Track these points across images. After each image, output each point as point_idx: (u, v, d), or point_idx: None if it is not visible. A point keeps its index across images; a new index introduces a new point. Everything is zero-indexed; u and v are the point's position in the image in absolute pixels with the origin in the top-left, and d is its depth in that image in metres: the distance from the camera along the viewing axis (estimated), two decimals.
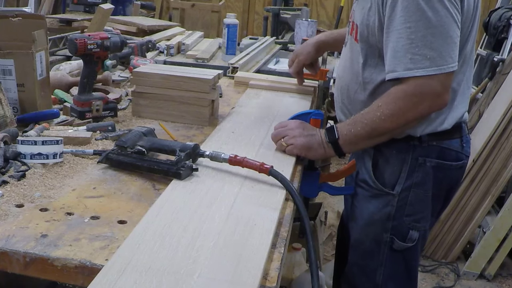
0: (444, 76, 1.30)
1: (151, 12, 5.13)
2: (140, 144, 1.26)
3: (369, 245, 1.53)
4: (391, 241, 1.50)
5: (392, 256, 1.52)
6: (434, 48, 1.28)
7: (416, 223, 1.49)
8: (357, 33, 1.45)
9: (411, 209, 1.48)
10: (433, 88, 1.30)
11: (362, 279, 1.58)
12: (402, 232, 1.49)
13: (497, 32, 3.75)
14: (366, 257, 1.55)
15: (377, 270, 1.54)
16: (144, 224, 0.96)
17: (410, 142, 1.45)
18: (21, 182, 1.14)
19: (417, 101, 1.31)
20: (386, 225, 1.49)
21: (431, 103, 1.32)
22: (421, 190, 1.47)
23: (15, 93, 1.51)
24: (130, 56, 2.24)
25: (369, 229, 1.53)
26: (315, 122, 1.52)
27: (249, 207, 1.07)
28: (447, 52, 1.29)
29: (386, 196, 1.48)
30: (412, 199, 1.47)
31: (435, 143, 1.45)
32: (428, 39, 1.27)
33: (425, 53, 1.28)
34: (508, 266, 3.17)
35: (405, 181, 1.46)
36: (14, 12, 1.53)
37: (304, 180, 1.43)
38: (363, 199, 1.54)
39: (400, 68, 1.31)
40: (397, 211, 1.48)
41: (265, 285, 0.85)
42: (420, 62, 1.28)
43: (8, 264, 0.90)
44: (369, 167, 1.51)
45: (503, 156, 3.03)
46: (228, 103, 1.92)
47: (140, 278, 0.80)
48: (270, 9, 3.85)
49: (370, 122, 1.35)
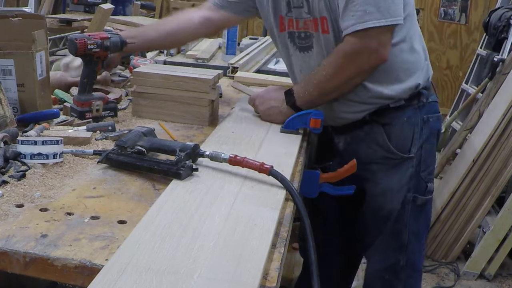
0: (378, 30, 1.40)
1: (151, 12, 5.13)
2: (140, 144, 1.26)
3: (397, 208, 1.63)
4: (414, 198, 1.62)
5: (414, 212, 1.64)
6: (370, 3, 1.38)
7: (429, 175, 1.65)
8: (327, 25, 1.51)
9: (424, 165, 1.62)
10: (367, 44, 1.42)
11: (390, 242, 1.67)
12: (421, 188, 1.63)
13: (497, 32, 3.75)
14: (394, 221, 1.64)
15: (403, 230, 1.64)
16: (144, 224, 0.96)
17: (415, 105, 1.59)
18: (21, 182, 1.14)
19: (354, 57, 1.45)
20: (409, 185, 1.61)
21: (368, 58, 1.45)
22: (429, 145, 1.63)
23: (15, 93, 1.51)
24: (130, 56, 2.24)
25: (398, 194, 1.62)
26: (315, 122, 1.52)
27: (249, 207, 1.07)
28: (384, 6, 1.38)
29: (406, 160, 1.60)
30: (424, 155, 1.62)
31: (430, 100, 1.63)
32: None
33: (362, 9, 1.38)
34: (508, 266, 3.17)
35: (418, 141, 1.59)
36: (14, 12, 1.53)
37: (304, 180, 1.43)
38: (385, 172, 1.63)
39: (342, 26, 1.45)
40: (416, 170, 1.61)
41: (265, 285, 0.85)
42: (359, 18, 1.39)
43: (8, 264, 0.90)
44: (385, 142, 1.60)
45: (503, 156, 3.02)
46: (228, 103, 1.93)
47: (140, 278, 0.80)
48: None
49: (318, 82, 1.51)
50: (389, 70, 1.54)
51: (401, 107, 1.58)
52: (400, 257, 1.67)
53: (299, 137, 1.56)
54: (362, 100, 1.58)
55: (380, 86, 1.55)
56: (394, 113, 1.59)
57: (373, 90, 1.55)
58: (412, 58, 1.57)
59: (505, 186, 3.11)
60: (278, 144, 1.48)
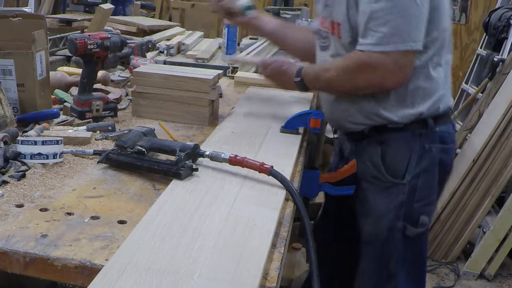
0: (397, 53, 1.36)
1: (151, 12, 5.13)
2: (140, 144, 1.26)
3: (384, 235, 1.57)
4: (403, 228, 1.54)
5: (404, 242, 1.56)
6: (392, 25, 1.34)
7: (425, 207, 1.54)
8: (339, 31, 1.49)
9: (420, 195, 1.53)
10: (385, 64, 1.37)
11: (377, 271, 1.61)
12: (413, 218, 1.54)
13: (497, 32, 3.74)
14: (380, 247, 1.59)
15: (391, 258, 1.58)
16: (144, 224, 0.96)
17: (416, 131, 1.50)
18: (21, 182, 1.14)
19: (369, 71, 1.40)
20: (399, 213, 1.53)
21: (383, 78, 1.40)
22: (429, 176, 1.53)
23: (15, 93, 1.51)
24: (130, 56, 2.24)
25: (384, 220, 1.56)
26: (315, 122, 1.52)
27: (249, 207, 1.07)
28: (405, 30, 1.34)
29: (397, 186, 1.52)
30: (421, 185, 1.52)
31: (438, 129, 1.52)
32: (387, 15, 1.33)
33: (382, 30, 1.34)
34: (508, 266, 3.17)
35: (414, 169, 1.51)
36: (14, 12, 1.53)
37: (304, 180, 1.43)
38: (373, 193, 1.57)
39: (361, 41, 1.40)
40: (408, 198, 1.52)
41: (265, 285, 0.85)
42: (378, 40, 1.35)
43: (8, 264, 0.90)
44: (378, 162, 1.53)
45: (503, 156, 3.02)
46: (228, 103, 1.92)
47: (140, 278, 0.80)
48: (270, 9, 3.85)
49: (327, 79, 1.50)
50: (396, 93, 1.47)
51: (399, 129, 1.50)
52: (388, 286, 1.61)
53: (299, 137, 1.56)
54: (362, 112, 1.53)
55: (380, 105, 1.49)
56: (391, 133, 1.51)
57: (374, 107, 1.50)
58: (425, 86, 1.48)
59: (505, 186, 3.11)
60: (278, 144, 1.48)
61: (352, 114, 1.55)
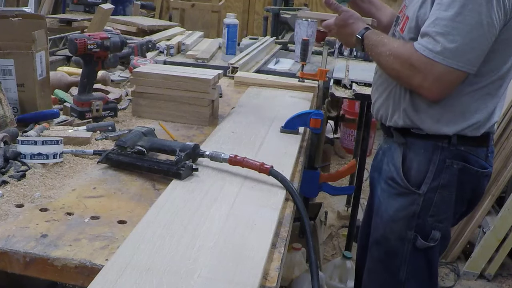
0: (446, 69, 1.32)
1: (151, 12, 5.13)
2: (140, 144, 1.26)
3: (393, 242, 1.56)
4: (414, 238, 1.53)
5: (414, 254, 1.55)
6: (450, 40, 1.31)
7: (439, 223, 1.52)
8: (405, 24, 1.48)
9: (435, 210, 1.50)
10: (428, 74, 1.35)
11: (385, 276, 1.61)
12: (425, 231, 1.52)
13: None
14: (390, 254, 1.58)
15: (401, 267, 1.57)
16: (144, 224, 0.96)
17: (439, 143, 1.47)
18: (21, 182, 1.14)
19: (411, 70, 1.38)
20: (410, 223, 1.52)
21: (420, 84, 1.38)
22: (447, 192, 1.49)
23: (15, 93, 1.51)
24: (130, 56, 2.24)
25: (394, 225, 1.55)
26: (315, 122, 1.52)
27: (249, 207, 1.07)
28: (461, 49, 1.31)
29: (412, 195, 1.51)
30: (437, 200, 1.50)
31: (463, 148, 1.47)
32: (450, 27, 1.31)
33: (439, 39, 1.32)
34: (508, 266, 3.17)
35: (432, 181, 1.48)
36: (14, 12, 1.53)
37: (304, 180, 1.43)
38: (389, 196, 1.56)
39: (421, 38, 1.37)
40: (422, 210, 1.51)
41: (265, 285, 0.85)
42: (433, 45, 1.33)
43: (8, 264, 0.90)
44: (398, 164, 1.53)
45: (503, 156, 3.03)
46: (228, 103, 1.92)
47: (140, 278, 0.80)
48: (270, 9, 3.85)
49: (379, 53, 1.48)
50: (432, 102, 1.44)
51: (421, 136, 1.48)
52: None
53: (299, 137, 1.56)
54: (394, 103, 1.52)
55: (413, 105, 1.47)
56: (413, 138, 1.50)
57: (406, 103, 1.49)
58: (462, 110, 1.43)
59: (505, 186, 3.11)
60: (278, 144, 1.48)
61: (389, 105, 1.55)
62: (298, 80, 2.13)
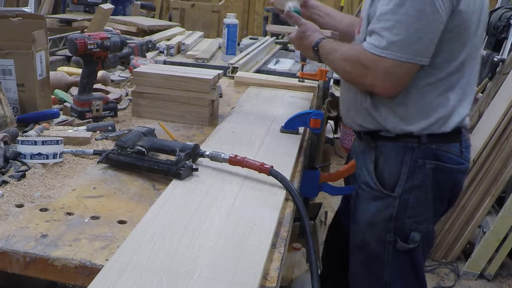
0: (394, 64, 1.32)
1: (151, 12, 5.13)
2: (140, 144, 1.26)
3: (374, 245, 1.54)
4: (394, 241, 1.50)
5: (396, 255, 1.52)
6: (395, 33, 1.30)
7: (417, 224, 1.49)
8: (361, 26, 1.49)
9: (412, 211, 1.48)
10: (376, 70, 1.34)
11: (370, 278, 1.59)
12: (404, 233, 1.50)
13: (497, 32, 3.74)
14: (372, 257, 1.56)
15: (384, 269, 1.55)
16: (144, 224, 0.96)
17: (409, 144, 1.45)
18: (21, 182, 1.14)
19: (361, 70, 1.38)
20: (388, 226, 1.50)
21: (371, 82, 1.37)
22: (422, 193, 1.47)
23: (15, 93, 1.51)
24: (130, 56, 2.24)
25: (372, 230, 1.53)
26: (315, 122, 1.52)
27: (249, 207, 1.07)
28: (407, 40, 1.30)
29: (387, 198, 1.48)
30: (413, 202, 1.47)
31: (434, 146, 1.44)
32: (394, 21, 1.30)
33: (384, 34, 1.32)
34: (508, 266, 3.17)
35: (405, 183, 1.46)
36: (14, 12, 1.53)
37: (304, 180, 1.43)
38: (364, 200, 1.54)
39: (368, 37, 1.38)
40: (399, 213, 1.48)
41: (265, 285, 0.85)
42: (379, 41, 1.33)
43: (8, 264, 0.90)
44: (371, 168, 1.51)
45: (503, 156, 3.02)
46: (228, 103, 1.93)
47: (140, 278, 0.80)
48: (270, 9, 3.84)
49: (332, 60, 1.49)
50: (392, 102, 1.42)
51: (391, 138, 1.47)
52: None
53: (299, 137, 1.56)
54: (359, 110, 1.51)
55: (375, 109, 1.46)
56: (383, 141, 1.49)
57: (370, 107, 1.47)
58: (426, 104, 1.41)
59: (505, 186, 3.11)
60: (278, 144, 1.48)
61: (352, 109, 1.55)
62: (298, 80, 2.13)
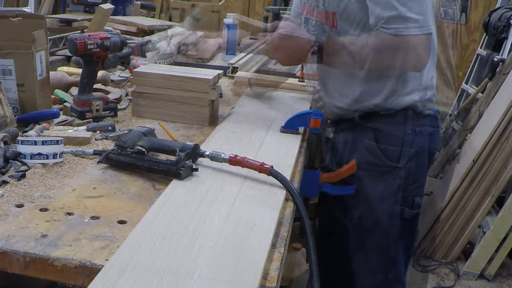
0: (425, 38, 1.39)
1: (151, 12, 5.13)
2: (140, 144, 1.26)
3: (384, 221, 1.59)
4: (401, 211, 1.57)
5: (402, 226, 1.59)
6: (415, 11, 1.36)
7: (418, 189, 1.60)
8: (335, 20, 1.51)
9: (413, 178, 1.58)
10: (418, 47, 1.39)
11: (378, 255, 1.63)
12: (410, 201, 1.59)
13: (497, 32, 3.75)
14: (382, 234, 1.61)
15: (391, 245, 1.61)
16: (144, 224, 0.96)
17: (408, 114, 1.55)
18: (21, 182, 1.14)
19: (403, 54, 1.41)
20: (397, 198, 1.57)
21: (415, 63, 1.44)
22: (420, 158, 1.57)
23: (15, 93, 1.51)
24: (130, 56, 2.24)
25: (383, 206, 1.58)
26: (315, 122, 1.52)
27: (249, 207, 1.07)
28: (424, 15, 1.38)
29: (394, 170, 1.55)
30: (415, 168, 1.57)
31: (426, 112, 1.57)
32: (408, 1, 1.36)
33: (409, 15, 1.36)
34: (508, 266, 3.17)
35: (408, 151, 1.55)
36: (14, 12, 1.53)
37: (304, 180, 1.43)
38: (371, 180, 1.58)
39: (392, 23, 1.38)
40: (405, 182, 1.56)
41: (265, 285, 0.85)
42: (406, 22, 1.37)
43: (8, 264, 0.90)
44: (373, 146, 1.56)
45: (503, 156, 3.02)
46: (228, 103, 1.93)
47: (140, 278, 0.80)
48: (270, 9, 3.86)
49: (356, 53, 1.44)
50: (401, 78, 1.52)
51: (391, 115, 1.56)
52: (388, 272, 1.64)
53: (299, 137, 1.56)
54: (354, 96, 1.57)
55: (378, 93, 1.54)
56: (384, 119, 1.56)
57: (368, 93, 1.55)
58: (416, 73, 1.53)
59: (505, 186, 3.11)
60: (278, 144, 1.48)
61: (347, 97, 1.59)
62: (298, 80, 2.13)
